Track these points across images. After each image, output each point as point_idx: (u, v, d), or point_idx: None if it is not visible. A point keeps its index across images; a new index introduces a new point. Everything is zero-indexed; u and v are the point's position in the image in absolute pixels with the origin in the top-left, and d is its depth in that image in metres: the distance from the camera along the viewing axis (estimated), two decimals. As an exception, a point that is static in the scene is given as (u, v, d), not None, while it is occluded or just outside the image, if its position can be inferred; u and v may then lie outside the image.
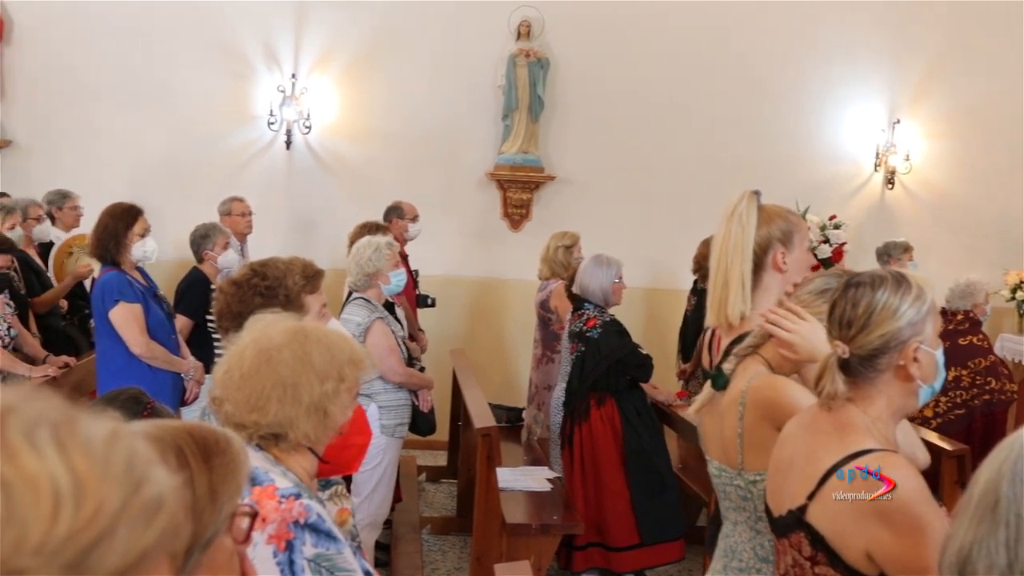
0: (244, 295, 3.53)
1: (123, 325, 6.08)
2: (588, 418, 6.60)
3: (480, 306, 10.20)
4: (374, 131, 9.97)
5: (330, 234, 9.31)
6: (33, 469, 0.76)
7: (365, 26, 9.89)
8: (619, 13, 9.95)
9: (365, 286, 6.09)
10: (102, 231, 6.21)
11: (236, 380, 2.41)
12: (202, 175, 9.69)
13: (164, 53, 9.78)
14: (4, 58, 9.87)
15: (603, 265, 6.72)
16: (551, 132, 10.07)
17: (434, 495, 8.79)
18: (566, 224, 8.64)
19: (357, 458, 2.70)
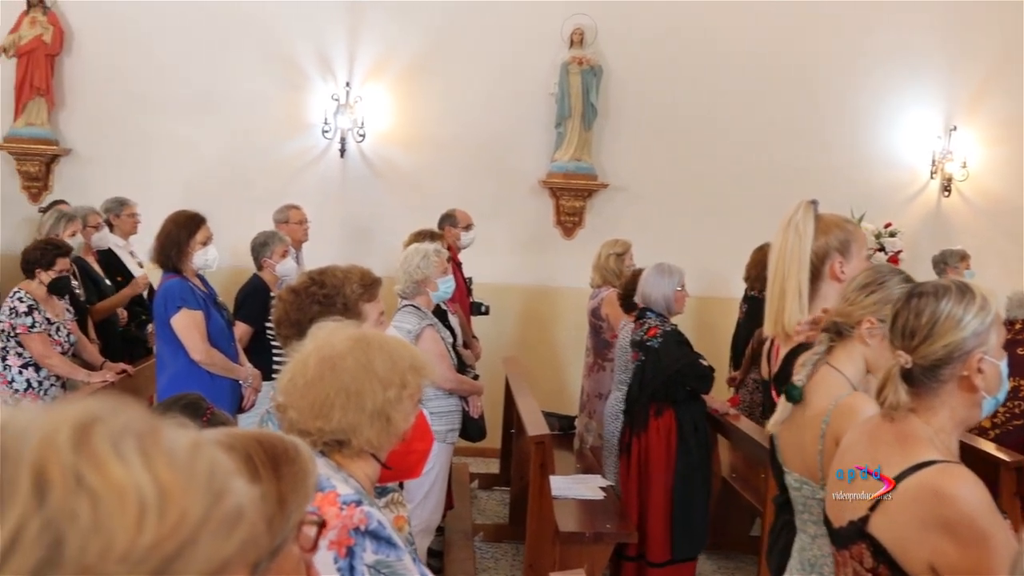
0: (302, 303, 3.56)
1: (184, 331, 6.14)
2: (646, 428, 6.54)
3: (533, 314, 10.20)
4: (427, 139, 10.01)
5: (384, 242, 9.35)
6: (119, 478, 0.77)
7: (419, 35, 9.94)
8: (672, 20, 9.92)
9: (414, 293, 6.10)
10: (165, 238, 6.28)
11: (300, 387, 2.43)
12: (257, 183, 9.77)
13: (221, 63, 9.89)
14: (64, 68, 10.02)
15: (666, 274, 6.68)
16: (604, 140, 10.07)
17: (486, 502, 8.80)
18: (618, 232, 8.62)
19: (419, 463, 2.72)
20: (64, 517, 0.74)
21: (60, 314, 6.78)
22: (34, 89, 9.81)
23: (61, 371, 6.66)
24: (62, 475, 0.75)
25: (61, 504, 0.74)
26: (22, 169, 9.97)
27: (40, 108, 9.85)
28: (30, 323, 6.53)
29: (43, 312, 6.60)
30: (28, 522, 0.73)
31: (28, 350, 6.55)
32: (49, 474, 0.75)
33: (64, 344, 6.70)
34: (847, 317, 3.12)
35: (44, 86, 9.82)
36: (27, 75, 9.80)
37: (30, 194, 10.02)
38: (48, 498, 0.74)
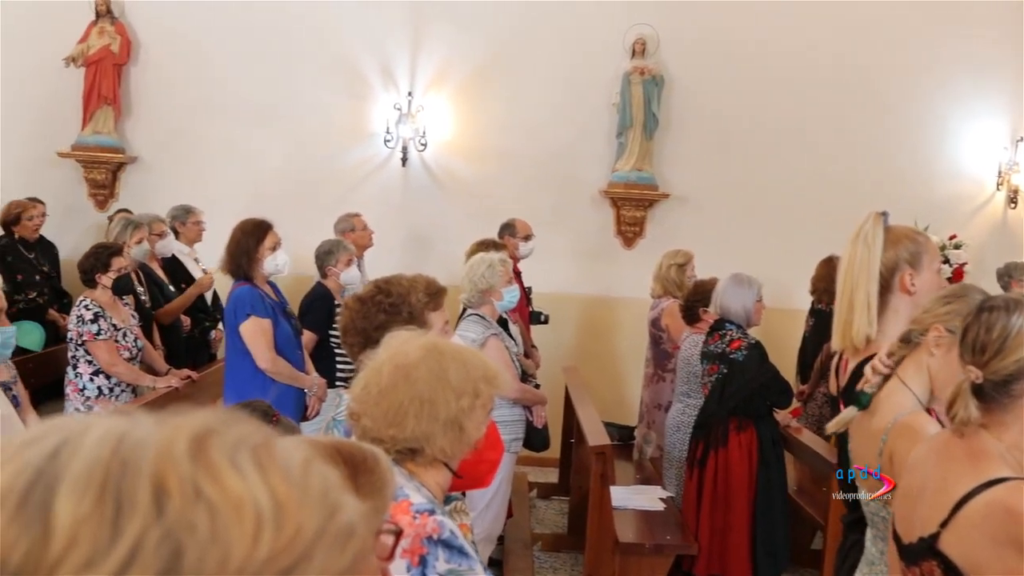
0: (368, 311, 3.59)
1: (252, 339, 6.21)
2: (726, 443, 6.44)
3: (592, 323, 10.19)
4: (489, 149, 10.04)
5: (444, 251, 9.39)
6: (236, 490, 0.77)
7: (480, 45, 9.98)
8: (735, 30, 9.88)
9: (479, 302, 6.13)
10: (234, 247, 6.36)
11: (374, 395, 2.45)
12: (319, 192, 9.85)
13: (285, 72, 9.99)
14: (131, 77, 10.17)
15: (744, 284, 6.63)
16: (665, 150, 10.04)
17: (545, 512, 8.80)
18: (679, 242, 8.59)
19: (489, 473, 2.74)
20: (183, 528, 0.74)
21: (126, 320, 6.87)
22: (102, 98, 9.96)
23: (127, 378, 6.74)
24: (180, 486, 0.76)
25: (180, 515, 0.75)
26: (89, 177, 10.12)
27: (107, 117, 10.00)
28: (96, 330, 6.61)
29: (109, 319, 6.68)
30: (148, 533, 0.74)
31: (94, 357, 6.64)
32: (168, 485, 0.76)
33: (132, 349, 6.78)
34: (919, 323, 3.09)
35: (111, 95, 9.97)
36: (95, 84, 9.95)
37: (96, 201, 10.18)
38: (167, 509, 0.75)
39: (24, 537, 0.73)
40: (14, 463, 0.78)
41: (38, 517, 0.74)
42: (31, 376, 6.79)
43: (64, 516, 0.74)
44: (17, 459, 0.78)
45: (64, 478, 0.75)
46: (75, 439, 0.78)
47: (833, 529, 5.60)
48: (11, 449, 0.79)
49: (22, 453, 0.78)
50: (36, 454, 0.78)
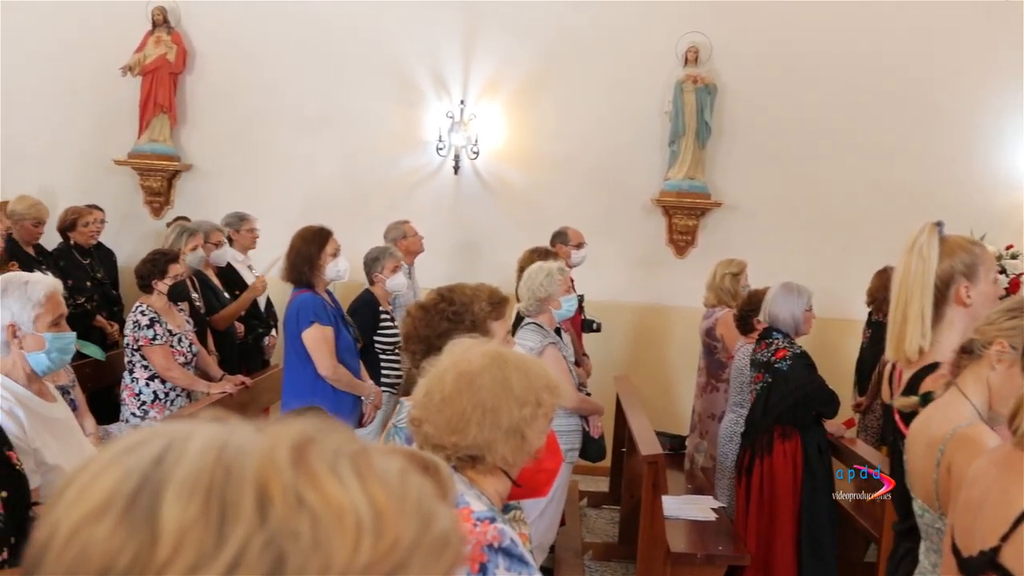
0: (431, 319, 3.61)
1: (314, 346, 6.26)
2: (771, 452, 6.42)
3: (643, 332, 10.17)
4: (541, 157, 10.06)
5: (496, 259, 9.41)
6: (337, 498, 0.78)
7: (533, 53, 10.00)
8: (787, 38, 9.84)
9: (537, 311, 6.13)
10: (295, 255, 6.41)
11: (436, 402, 2.46)
12: (372, 199, 9.90)
13: (338, 80, 10.06)
14: (186, 86, 10.28)
15: (794, 293, 6.59)
16: (718, 158, 10.01)
17: (595, 521, 8.79)
18: (732, 251, 8.56)
19: (548, 483, 2.74)
20: (286, 535, 0.76)
21: (181, 325, 6.94)
22: (158, 107, 10.07)
23: (181, 383, 6.80)
24: (283, 494, 0.77)
25: (283, 522, 0.76)
26: (145, 184, 10.24)
27: (163, 125, 10.11)
28: (152, 335, 6.68)
29: (164, 324, 6.75)
30: (252, 540, 0.75)
31: (150, 362, 6.71)
32: (271, 492, 0.77)
33: (187, 355, 6.85)
34: (982, 335, 3.06)
35: (167, 103, 10.08)
36: (151, 93, 10.06)
37: (152, 209, 10.29)
38: (270, 516, 0.76)
39: (131, 542, 0.75)
40: (118, 468, 0.79)
41: (145, 522, 0.75)
42: (88, 380, 6.87)
43: (171, 521, 0.75)
44: (121, 464, 0.79)
45: (170, 484, 0.77)
46: (179, 445, 0.80)
47: (886, 541, 5.55)
48: (113, 453, 0.81)
49: (125, 457, 0.80)
50: (140, 459, 0.79)
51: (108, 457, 0.81)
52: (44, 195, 9.04)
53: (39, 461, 3.53)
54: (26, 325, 3.63)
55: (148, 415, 6.73)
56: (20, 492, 3.29)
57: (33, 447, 3.54)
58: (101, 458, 0.82)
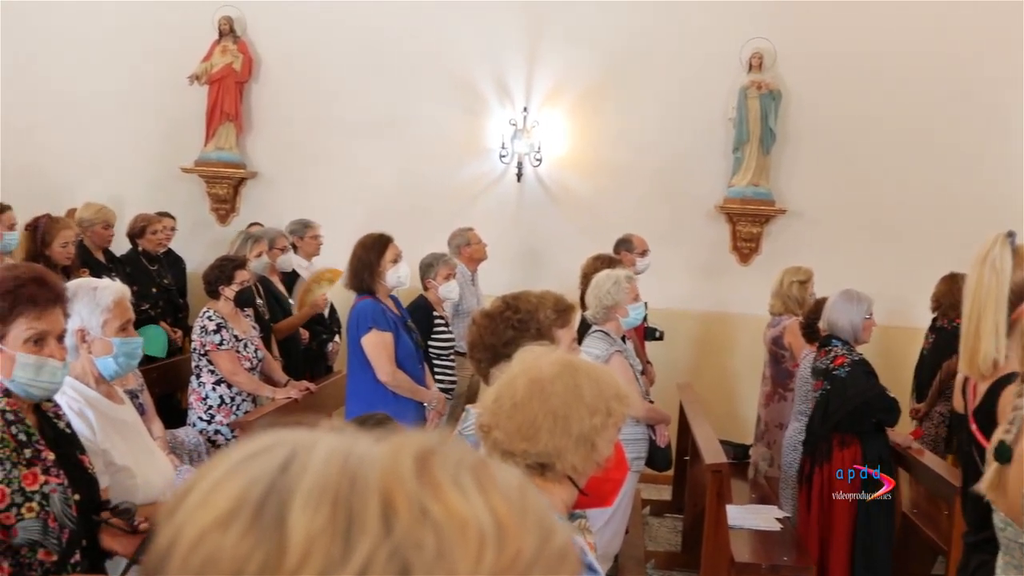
0: (496, 327, 3.60)
1: (373, 352, 6.30)
2: (830, 460, 6.37)
3: (706, 340, 10.11)
4: (603, 164, 10.04)
5: (559, 266, 9.40)
6: (460, 509, 0.78)
7: (596, 60, 9.99)
8: (853, 42, 9.73)
9: (604, 319, 6.11)
10: (356, 262, 6.46)
11: (507, 409, 2.45)
12: (435, 207, 9.94)
13: (401, 88, 10.11)
14: (252, 94, 10.39)
15: (854, 300, 6.51)
16: (782, 165, 9.93)
17: (658, 529, 8.74)
18: (796, 258, 8.48)
19: (614, 492, 2.73)
20: (410, 546, 0.76)
21: (247, 331, 7.01)
22: (224, 115, 10.19)
23: (247, 387, 6.87)
24: (408, 504, 0.77)
25: (407, 533, 0.76)
26: (211, 192, 10.36)
27: (229, 133, 10.23)
28: (219, 340, 6.76)
29: (231, 330, 6.83)
30: (378, 550, 0.75)
31: (217, 367, 6.79)
32: (396, 503, 0.77)
33: (252, 360, 6.92)
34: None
35: (233, 112, 10.19)
36: (218, 101, 10.18)
37: (218, 216, 10.41)
38: (395, 527, 0.76)
39: (260, 549, 0.76)
40: (243, 474, 0.80)
41: (273, 530, 0.76)
42: (155, 385, 6.94)
43: (299, 530, 0.76)
44: (245, 470, 0.80)
45: (297, 492, 0.77)
46: (303, 453, 0.80)
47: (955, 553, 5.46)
48: (236, 459, 0.82)
49: (249, 464, 0.80)
50: (265, 466, 0.80)
51: (231, 463, 0.82)
52: (113, 203, 9.19)
53: (108, 462, 3.57)
54: (94, 330, 3.68)
55: (214, 419, 6.80)
56: (91, 495, 3.34)
57: (102, 448, 3.59)
58: (223, 464, 0.82)
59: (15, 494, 3.08)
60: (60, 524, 3.14)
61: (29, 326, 3.18)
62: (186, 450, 6.50)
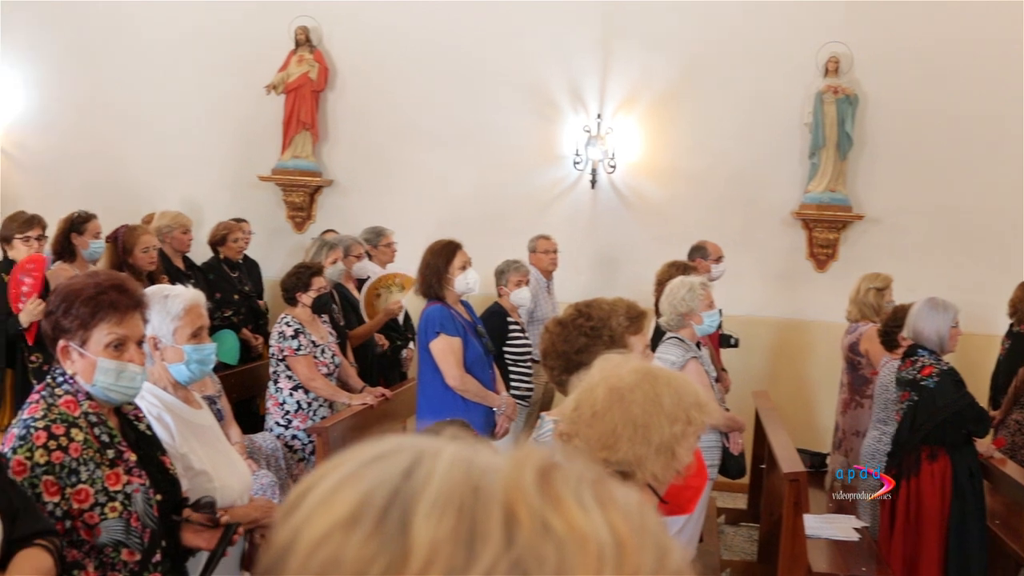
0: (569, 335, 3.59)
1: (441, 357, 6.34)
2: (918, 472, 6.24)
3: (782, 347, 10.01)
4: (678, 170, 9.99)
5: (633, 272, 9.36)
6: (581, 525, 0.78)
7: (670, 66, 9.94)
8: (932, 46, 9.57)
9: (678, 325, 6.08)
10: (425, 268, 6.52)
11: (587, 417, 2.45)
12: (509, 214, 9.96)
13: (475, 96, 10.15)
14: (327, 103, 10.49)
15: (940, 309, 6.40)
16: (859, 170, 9.81)
17: (733, 538, 8.67)
18: (874, 265, 8.38)
19: (693, 500, 2.72)
20: (531, 559, 0.76)
21: (324, 337, 7.09)
22: (300, 124, 10.29)
23: (324, 393, 6.94)
24: (530, 517, 0.77)
25: (529, 546, 0.76)
26: (288, 200, 10.47)
27: (305, 141, 10.33)
28: (296, 346, 6.84)
29: (308, 336, 6.91)
30: (499, 561, 0.76)
31: (294, 372, 6.86)
32: (518, 515, 0.77)
33: (329, 365, 6.99)
34: None
35: (309, 120, 10.30)
36: (294, 110, 10.29)
37: (294, 223, 10.52)
38: (517, 539, 0.77)
39: (383, 553, 0.76)
40: (365, 478, 0.80)
41: (397, 535, 0.77)
42: (232, 391, 7.03)
43: (423, 536, 0.76)
44: (367, 474, 0.81)
45: (422, 499, 0.78)
46: (428, 460, 0.81)
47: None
48: (357, 463, 0.82)
49: (371, 468, 0.81)
50: (389, 471, 0.80)
51: (353, 466, 0.83)
52: (192, 210, 9.36)
53: (186, 466, 3.62)
54: (165, 338, 3.73)
55: (291, 425, 6.88)
56: (172, 496, 3.39)
57: (181, 452, 3.64)
58: (344, 466, 0.83)
59: (99, 494, 3.14)
60: (142, 524, 3.20)
61: (110, 331, 3.24)
62: (263, 455, 6.58)
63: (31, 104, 10.92)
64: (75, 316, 3.23)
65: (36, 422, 3.17)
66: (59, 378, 3.28)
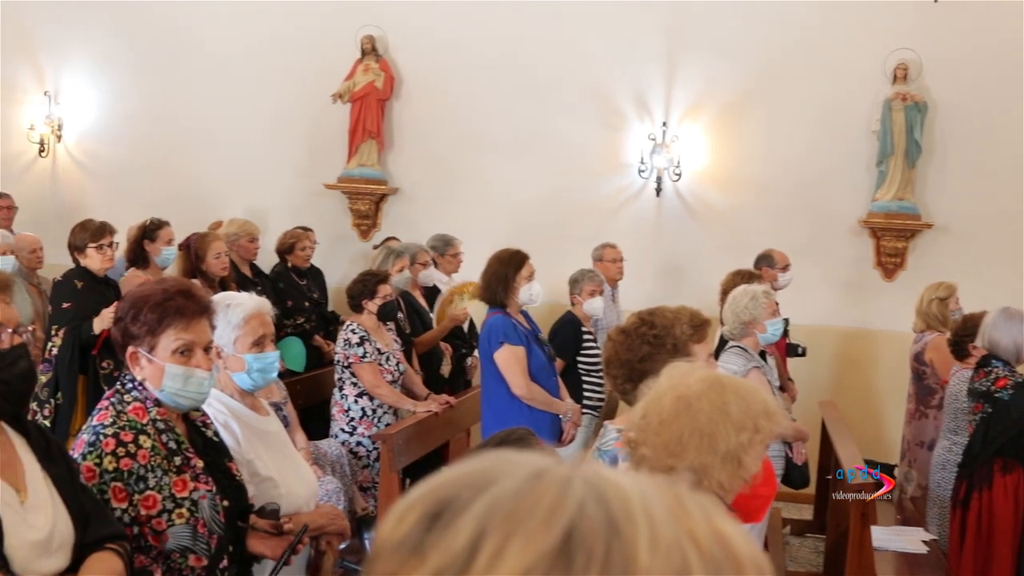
0: (632, 343, 3.58)
1: (506, 366, 6.35)
2: (990, 485, 6.11)
3: (850, 357, 9.91)
4: (743, 178, 9.93)
5: (698, 281, 9.32)
6: (736, 547, 0.82)
7: (736, 74, 9.89)
8: (1002, 51, 9.41)
9: (741, 334, 6.05)
10: (491, 276, 6.53)
11: (654, 425, 2.45)
12: (574, 222, 9.96)
13: (541, 105, 10.15)
14: (393, 111, 10.55)
15: (1015, 319, 6.27)
16: (928, 178, 9.69)
17: (798, 549, 8.59)
18: (944, 274, 8.29)
19: (762, 509, 2.70)
20: None
21: (389, 344, 7.13)
22: (366, 132, 10.37)
23: (389, 400, 6.98)
24: (708, 548, 0.80)
25: None
26: (354, 208, 10.56)
27: (371, 150, 10.41)
28: (362, 353, 6.89)
29: (374, 343, 6.95)
30: None
31: (359, 379, 6.91)
32: (662, 539, 0.79)
33: (394, 373, 7.03)
34: None
35: (375, 129, 10.37)
36: (360, 119, 10.37)
37: (360, 231, 10.60)
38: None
39: None
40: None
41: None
42: (298, 397, 7.10)
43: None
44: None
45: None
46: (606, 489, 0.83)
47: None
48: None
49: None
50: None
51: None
52: (258, 218, 9.45)
53: (252, 472, 3.65)
54: (227, 347, 3.76)
55: (356, 431, 6.93)
56: (239, 502, 3.42)
57: (247, 458, 3.67)
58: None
59: (166, 500, 3.18)
60: (209, 530, 3.23)
61: (177, 337, 3.28)
62: (328, 461, 6.62)
63: (102, 114, 11.12)
64: (143, 322, 3.27)
65: (105, 429, 3.22)
66: (128, 384, 3.33)
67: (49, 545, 2.77)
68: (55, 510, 2.83)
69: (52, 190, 11.16)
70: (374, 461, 6.85)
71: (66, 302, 6.72)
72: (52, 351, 6.57)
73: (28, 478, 2.82)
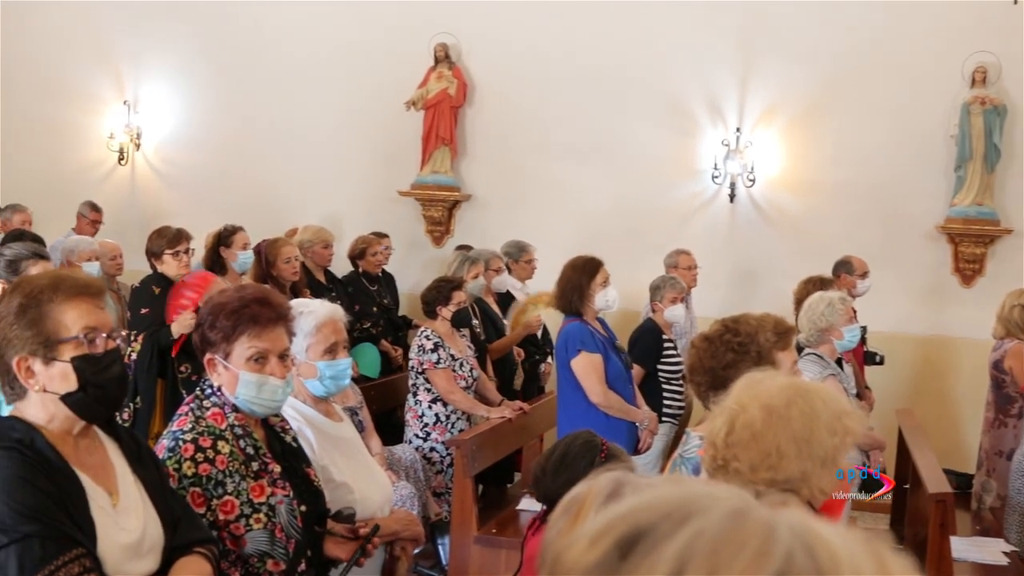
0: (716, 350, 3.55)
1: (583, 374, 6.34)
2: None
3: (927, 365, 9.76)
4: (818, 183, 9.83)
5: (772, 287, 9.25)
6: None
7: (811, 79, 9.79)
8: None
9: (817, 341, 5.99)
10: (566, 283, 6.52)
11: (745, 440, 2.42)
12: (648, 228, 9.93)
13: (612, 110, 10.14)
14: (466, 118, 10.59)
15: None
16: (1008, 182, 9.51)
17: (875, 560, 8.46)
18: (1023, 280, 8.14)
19: (838, 512, 2.67)
20: None
21: (463, 350, 7.15)
22: (439, 139, 10.42)
23: (462, 406, 7.00)
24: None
25: None
26: (427, 214, 10.61)
27: (444, 157, 10.46)
28: (436, 359, 6.92)
29: (448, 349, 6.98)
30: None
31: (433, 385, 6.94)
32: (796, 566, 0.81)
33: (468, 379, 7.05)
34: None
35: (448, 136, 10.42)
36: (433, 126, 10.43)
37: (433, 238, 10.65)
38: None
39: None
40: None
41: None
42: (372, 402, 7.14)
43: None
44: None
45: None
46: None
47: None
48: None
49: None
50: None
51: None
52: (332, 224, 9.52)
53: (327, 478, 3.67)
54: (300, 354, 3.78)
55: (430, 437, 6.96)
56: (317, 507, 3.45)
57: (321, 464, 3.69)
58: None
59: (244, 505, 3.21)
60: (286, 535, 3.26)
61: (250, 344, 3.31)
62: (402, 467, 6.66)
63: (180, 122, 11.30)
64: (219, 329, 3.31)
65: (184, 435, 3.26)
66: (208, 390, 3.37)
67: (140, 548, 2.81)
68: (146, 513, 2.87)
69: (131, 198, 11.35)
70: (448, 467, 6.87)
71: (144, 308, 6.83)
72: (131, 356, 6.67)
73: (120, 482, 2.86)
